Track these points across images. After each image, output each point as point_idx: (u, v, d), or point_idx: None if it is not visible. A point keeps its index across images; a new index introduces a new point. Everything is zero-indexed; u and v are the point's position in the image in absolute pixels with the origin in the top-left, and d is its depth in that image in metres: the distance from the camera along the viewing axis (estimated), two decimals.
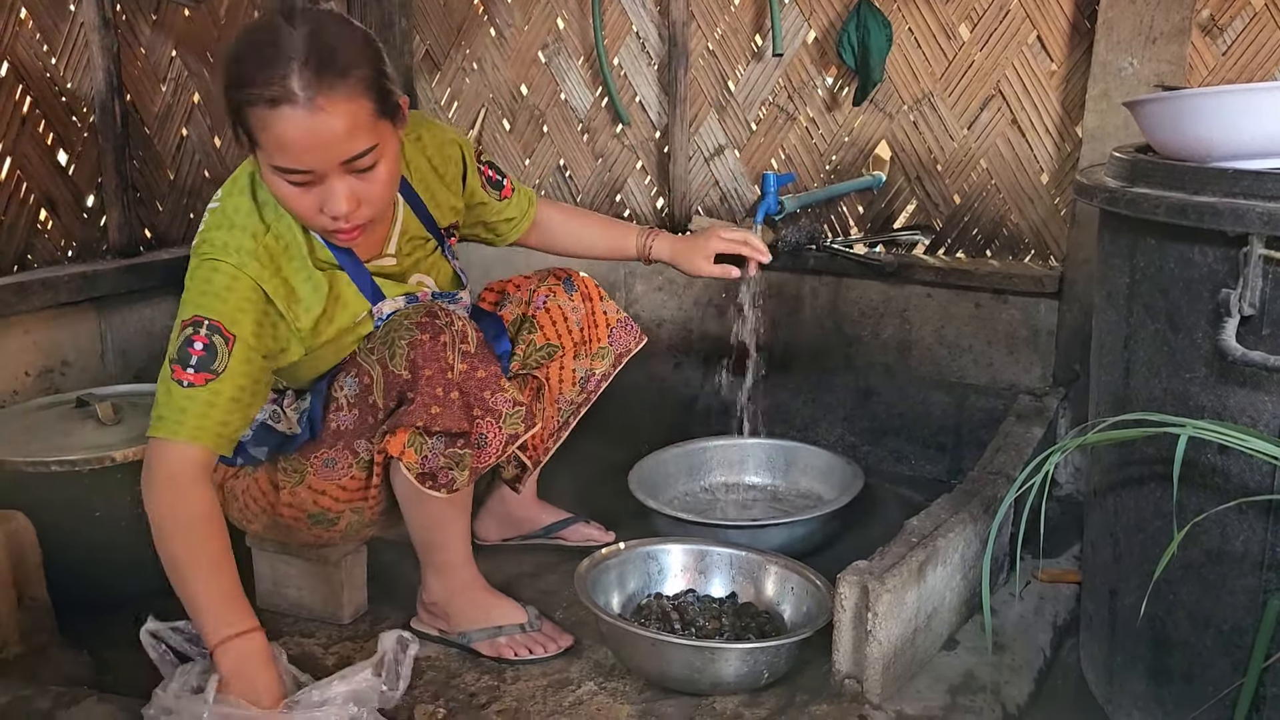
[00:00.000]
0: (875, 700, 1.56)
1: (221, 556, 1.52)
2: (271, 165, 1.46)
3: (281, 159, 1.44)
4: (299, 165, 1.44)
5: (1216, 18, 2.20)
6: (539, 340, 1.98)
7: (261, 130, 1.42)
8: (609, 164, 2.98)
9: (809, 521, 2.12)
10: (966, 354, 2.55)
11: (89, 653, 1.74)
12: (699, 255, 1.98)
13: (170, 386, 1.52)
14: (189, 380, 1.51)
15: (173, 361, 1.52)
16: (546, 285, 2.01)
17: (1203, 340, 1.35)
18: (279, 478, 1.73)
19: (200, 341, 1.51)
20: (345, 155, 1.45)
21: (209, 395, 1.52)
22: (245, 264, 1.55)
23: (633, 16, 2.84)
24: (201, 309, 1.53)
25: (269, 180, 1.50)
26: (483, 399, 1.62)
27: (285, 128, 1.41)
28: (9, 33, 2.21)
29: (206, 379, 1.51)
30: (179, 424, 1.51)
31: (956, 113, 2.54)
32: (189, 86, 2.60)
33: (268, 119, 1.41)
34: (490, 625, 1.79)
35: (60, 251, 2.36)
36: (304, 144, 1.42)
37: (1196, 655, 1.44)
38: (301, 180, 1.46)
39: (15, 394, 2.19)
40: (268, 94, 1.39)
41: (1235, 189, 1.29)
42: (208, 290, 1.54)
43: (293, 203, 1.50)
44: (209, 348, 1.52)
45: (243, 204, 1.59)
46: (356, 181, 1.49)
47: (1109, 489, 1.55)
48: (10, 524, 1.69)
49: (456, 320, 1.64)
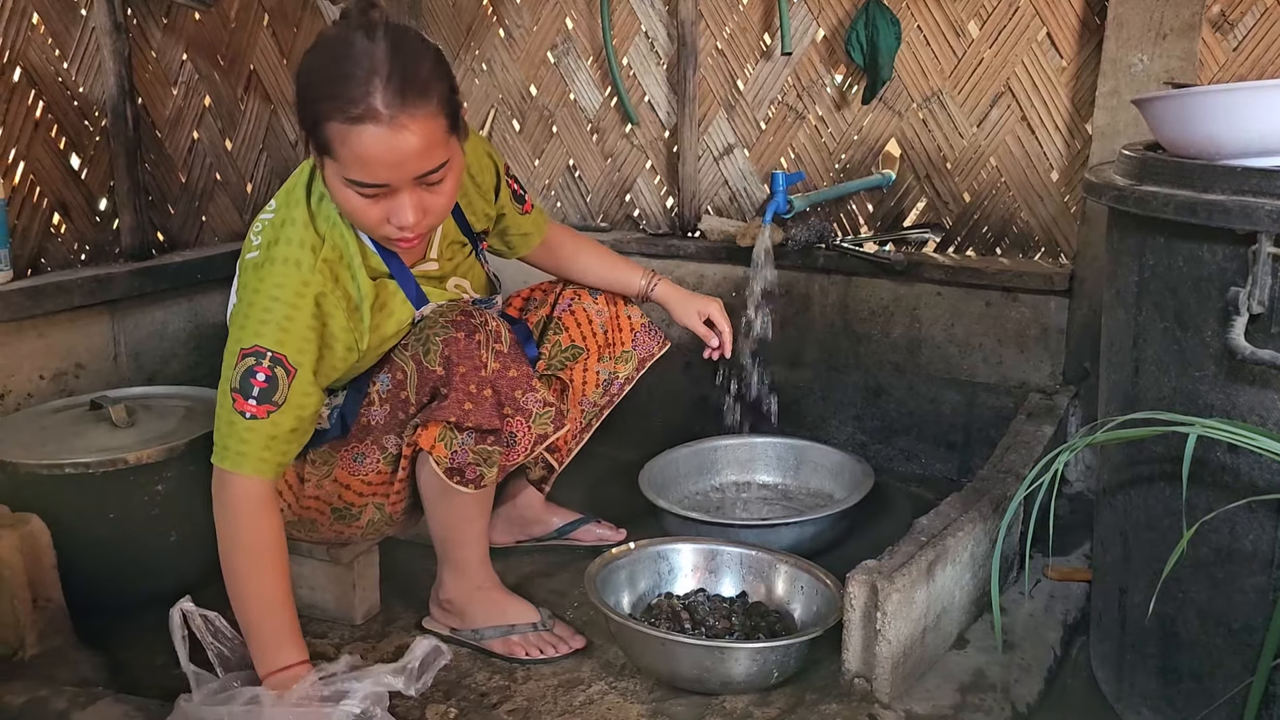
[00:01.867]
0: (885, 699, 1.56)
1: (280, 589, 1.56)
2: (345, 177, 1.47)
3: (358, 173, 1.45)
4: (375, 180, 1.46)
5: (1227, 14, 2.19)
6: (564, 342, 1.99)
7: (341, 145, 1.44)
8: (618, 164, 2.99)
9: (819, 520, 2.12)
10: (976, 352, 2.54)
11: (104, 653, 1.75)
12: (693, 309, 2.03)
13: (233, 417, 1.53)
14: (251, 412, 1.52)
15: (234, 390, 1.53)
16: (571, 289, 2.02)
17: (1212, 338, 1.35)
18: (306, 470, 1.74)
19: (263, 373, 1.52)
20: (420, 171, 1.47)
21: (270, 428, 1.53)
22: (310, 282, 1.55)
23: (641, 16, 2.84)
24: (262, 339, 1.52)
25: (338, 190, 1.51)
26: (514, 398, 1.64)
27: (367, 144, 1.42)
28: (21, 38, 2.22)
29: (268, 411, 1.53)
30: (242, 456, 1.52)
31: (966, 110, 2.54)
32: (200, 90, 2.62)
33: (348, 134, 1.42)
34: (504, 623, 1.80)
35: (73, 255, 2.37)
36: (383, 160, 1.44)
37: (1206, 654, 1.43)
38: (373, 193, 1.48)
39: (29, 397, 2.20)
40: (352, 111, 1.40)
41: (1244, 187, 1.28)
42: (268, 319, 1.53)
43: (360, 214, 1.52)
44: (271, 379, 1.52)
45: (299, 215, 1.59)
46: (425, 194, 1.51)
47: (1119, 487, 1.55)
48: (25, 526, 1.70)
49: (491, 320, 1.67)
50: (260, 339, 1.53)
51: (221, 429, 1.54)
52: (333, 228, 1.60)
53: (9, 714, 1.54)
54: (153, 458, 1.87)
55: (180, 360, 2.52)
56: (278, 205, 1.63)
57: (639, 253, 2.87)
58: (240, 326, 1.55)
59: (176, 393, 2.19)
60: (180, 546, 1.92)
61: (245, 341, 1.53)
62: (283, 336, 1.53)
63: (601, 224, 3.04)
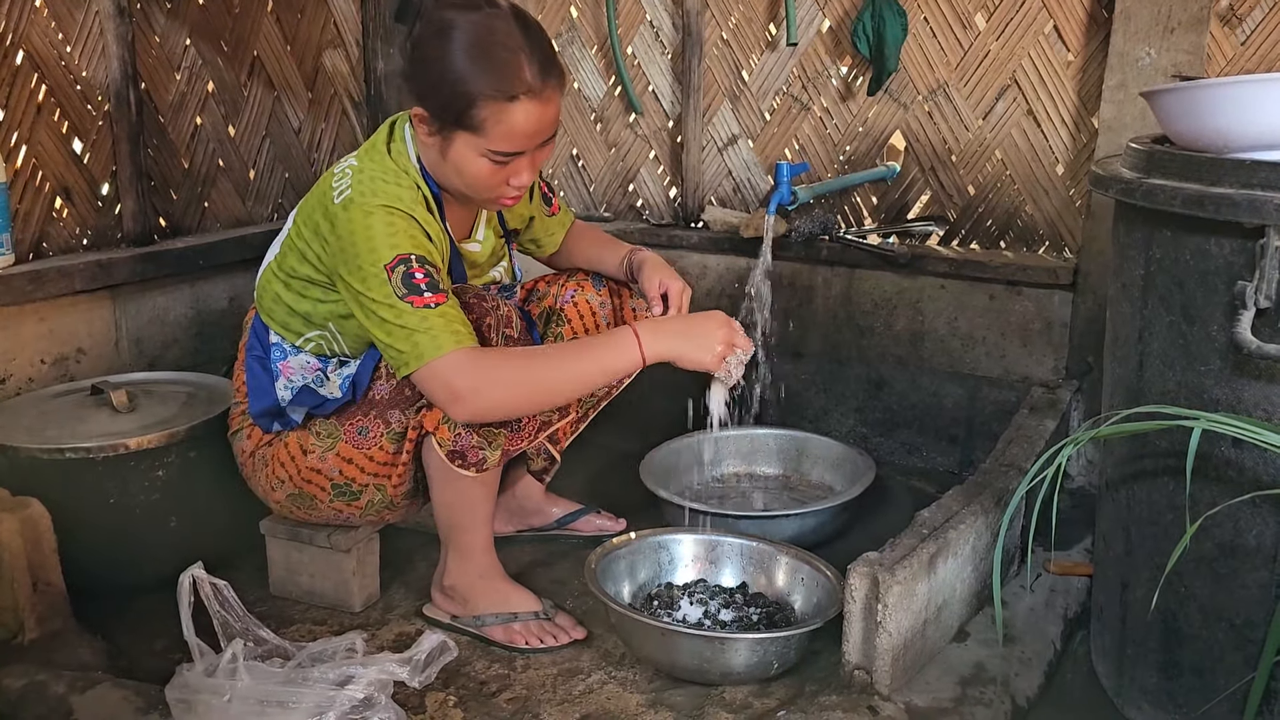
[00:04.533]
0: (885, 691, 1.56)
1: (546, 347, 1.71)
2: (488, 150, 1.57)
3: (504, 145, 1.57)
4: (518, 149, 1.58)
5: (1235, 7, 2.18)
6: (566, 334, 1.99)
7: (495, 122, 1.54)
8: (622, 153, 2.98)
9: (820, 512, 2.12)
10: (980, 346, 2.54)
11: (103, 638, 1.75)
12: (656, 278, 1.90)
13: (424, 313, 1.54)
14: (434, 301, 1.55)
15: (404, 297, 1.54)
16: (575, 280, 2.02)
17: (1218, 333, 1.35)
18: (310, 442, 1.74)
19: (420, 272, 1.56)
20: (548, 136, 1.62)
21: (451, 309, 1.57)
22: (415, 210, 1.62)
23: (646, 6, 2.83)
24: (399, 248, 1.57)
25: (469, 162, 1.59)
26: None
27: (520, 119, 1.55)
28: (25, 21, 2.21)
29: (443, 298, 1.57)
30: (456, 336, 1.54)
31: (972, 103, 2.53)
32: (203, 75, 2.61)
33: (505, 111, 1.54)
34: (506, 611, 1.80)
35: (75, 239, 2.36)
36: (530, 131, 1.57)
37: (1208, 649, 1.43)
38: (507, 160, 1.59)
39: (31, 381, 2.20)
40: (511, 90, 1.53)
41: (1252, 180, 1.28)
42: (396, 231, 1.58)
43: (485, 180, 1.62)
44: (429, 275, 1.57)
45: (390, 165, 1.66)
46: (537, 153, 1.64)
47: (1121, 482, 1.55)
48: (25, 510, 1.70)
49: (502, 306, 1.69)
50: (398, 249, 1.57)
51: (417, 329, 1.53)
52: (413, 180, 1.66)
53: (8, 697, 1.54)
54: (153, 443, 1.87)
55: (181, 346, 2.52)
56: (361, 159, 1.68)
57: (642, 243, 2.84)
58: (371, 250, 1.57)
59: (178, 378, 2.19)
60: (180, 532, 1.92)
61: (385, 257, 1.57)
62: (415, 243, 1.59)
63: (605, 214, 3.03)
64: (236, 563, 1.98)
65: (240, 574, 1.90)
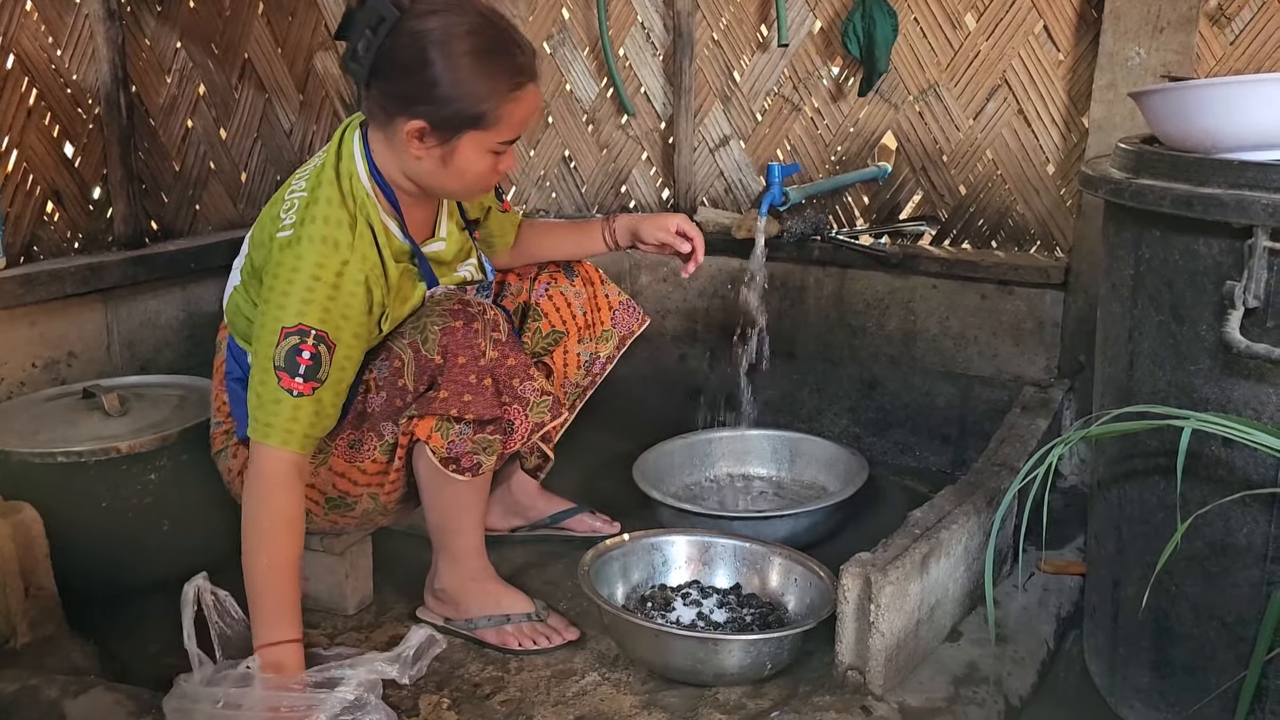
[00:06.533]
0: (878, 691, 1.56)
1: (290, 561, 1.58)
2: (498, 142, 1.60)
3: (512, 133, 1.61)
4: (518, 135, 1.63)
5: (1224, 7, 2.19)
6: (544, 328, 1.99)
7: (508, 115, 1.58)
8: (614, 155, 2.98)
9: (813, 513, 2.12)
10: (971, 345, 2.54)
11: (96, 642, 1.75)
12: (660, 225, 1.97)
13: (279, 395, 1.54)
14: (299, 390, 1.54)
15: (279, 369, 1.54)
16: (547, 273, 2.02)
17: (1207, 332, 1.35)
18: None
19: (308, 351, 1.54)
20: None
21: (315, 405, 1.56)
22: (349, 260, 1.58)
23: (637, 7, 2.83)
24: (305, 317, 1.55)
25: (476, 160, 1.60)
26: (512, 386, 1.66)
27: (527, 105, 1.60)
28: (14, 25, 2.21)
29: (313, 387, 1.56)
30: (289, 434, 1.55)
31: (962, 103, 2.53)
32: (194, 78, 2.60)
33: (515, 103, 1.58)
34: (498, 614, 1.80)
35: (66, 243, 2.36)
36: (532, 115, 1.64)
37: (1199, 647, 1.44)
38: (506, 149, 1.63)
39: (22, 385, 2.19)
40: (519, 79, 1.58)
41: (1240, 181, 1.28)
42: (312, 298, 1.55)
43: (488, 173, 1.63)
44: (315, 357, 1.55)
45: (334, 195, 1.62)
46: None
47: (1113, 481, 1.55)
48: (17, 515, 1.69)
49: (488, 309, 1.68)
50: (304, 318, 1.55)
51: (266, 406, 1.55)
52: (360, 208, 1.63)
53: (1, 702, 1.54)
54: (145, 447, 1.86)
55: (173, 349, 2.51)
56: (308, 185, 1.64)
57: None
58: (280, 306, 1.56)
59: (170, 382, 2.19)
60: (173, 535, 1.92)
61: (288, 320, 1.55)
62: (324, 315, 1.56)
63: (596, 215, 3.04)
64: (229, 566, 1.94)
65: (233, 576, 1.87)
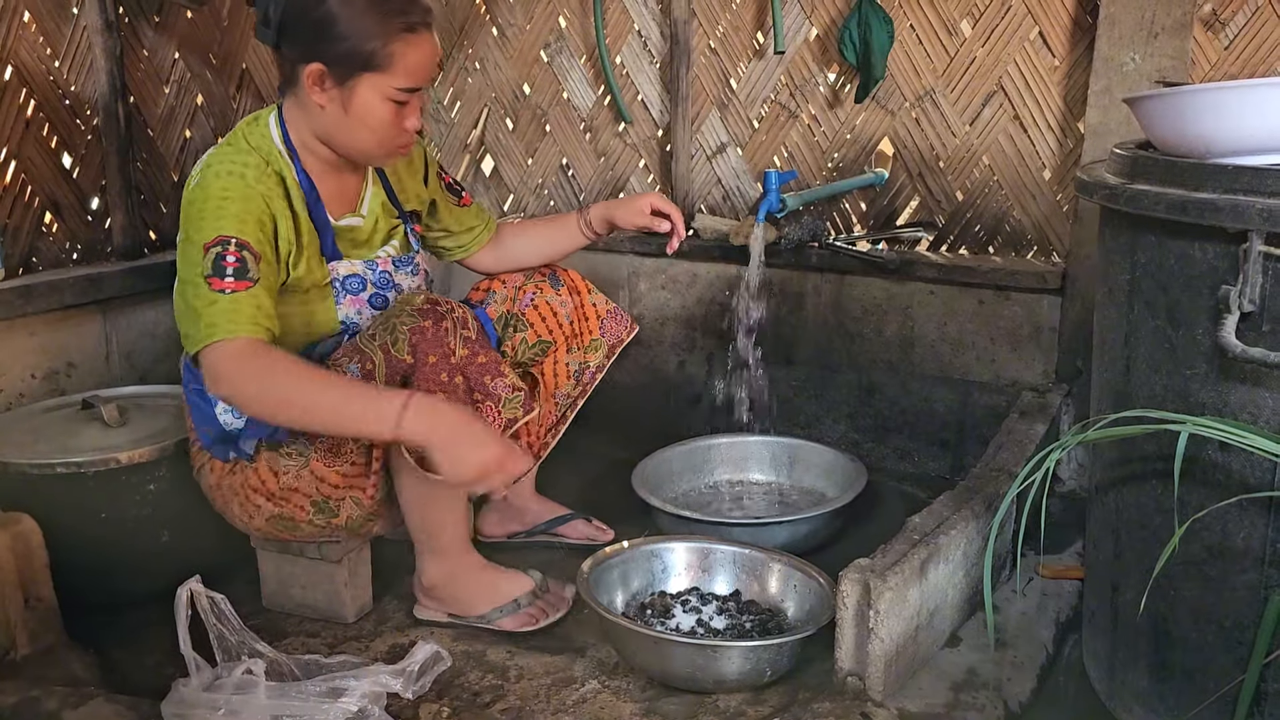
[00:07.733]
0: (877, 697, 1.56)
1: (334, 373, 1.61)
2: (395, 88, 1.63)
3: (410, 80, 1.64)
4: (420, 83, 1.66)
5: (1219, 12, 2.20)
6: (530, 338, 1.99)
7: (403, 56, 1.62)
8: (611, 163, 2.98)
9: (812, 519, 2.12)
10: (969, 351, 2.55)
11: (95, 653, 1.75)
12: (635, 207, 2.02)
13: (213, 297, 1.55)
14: (231, 288, 1.56)
15: (207, 276, 1.55)
16: (533, 282, 2.02)
17: (1203, 337, 1.35)
18: (280, 464, 1.73)
19: (233, 256, 1.57)
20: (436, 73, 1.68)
21: (252, 298, 1.57)
22: (254, 186, 1.62)
23: (634, 15, 2.84)
24: (223, 229, 1.58)
25: (376, 107, 1.64)
26: (483, 383, 1.66)
27: (424, 49, 1.65)
28: (12, 36, 2.21)
29: (246, 286, 1.57)
30: (234, 324, 1.54)
31: (959, 109, 2.54)
32: (192, 88, 2.61)
33: (410, 43, 1.62)
34: (507, 601, 1.83)
35: (65, 254, 2.36)
36: (430, 62, 1.68)
37: (1198, 651, 1.44)
38: (407, 98, 1.65)
39: (21, 396, 2.19)
40: (412, 20, 1.62)
41: (1235, 185, 1.29)
42: (224, 213, 1.59)
43: (389, 126, 1.66)
44: (241, 260, 1.58)
45: (243, 145, 1.68)
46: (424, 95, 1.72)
47: (1111, 485, 1.55)
48: (17, 526, 1.69)
49: (458, 308, 1.69)
50: (221, 229, 1.58)
51: (201, 312, 1.55)
52: (269, 158, 1.68)
53: (1, 714, 1.53)
54: (145, 457, 1.86)
55: (172, 360, 2.51)
56: (218, 146, 1.71)
57: (631, 251, 2.88)
58: (196, 229, 1.59)
59: (169, 392, 2.18)
60: (172, 546, 1.92)
61: (206, 235, 1.58)
62: (242, 226, 1.59)
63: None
64: (229, 576, 1.97)
65: (233, 587, 1.89)
